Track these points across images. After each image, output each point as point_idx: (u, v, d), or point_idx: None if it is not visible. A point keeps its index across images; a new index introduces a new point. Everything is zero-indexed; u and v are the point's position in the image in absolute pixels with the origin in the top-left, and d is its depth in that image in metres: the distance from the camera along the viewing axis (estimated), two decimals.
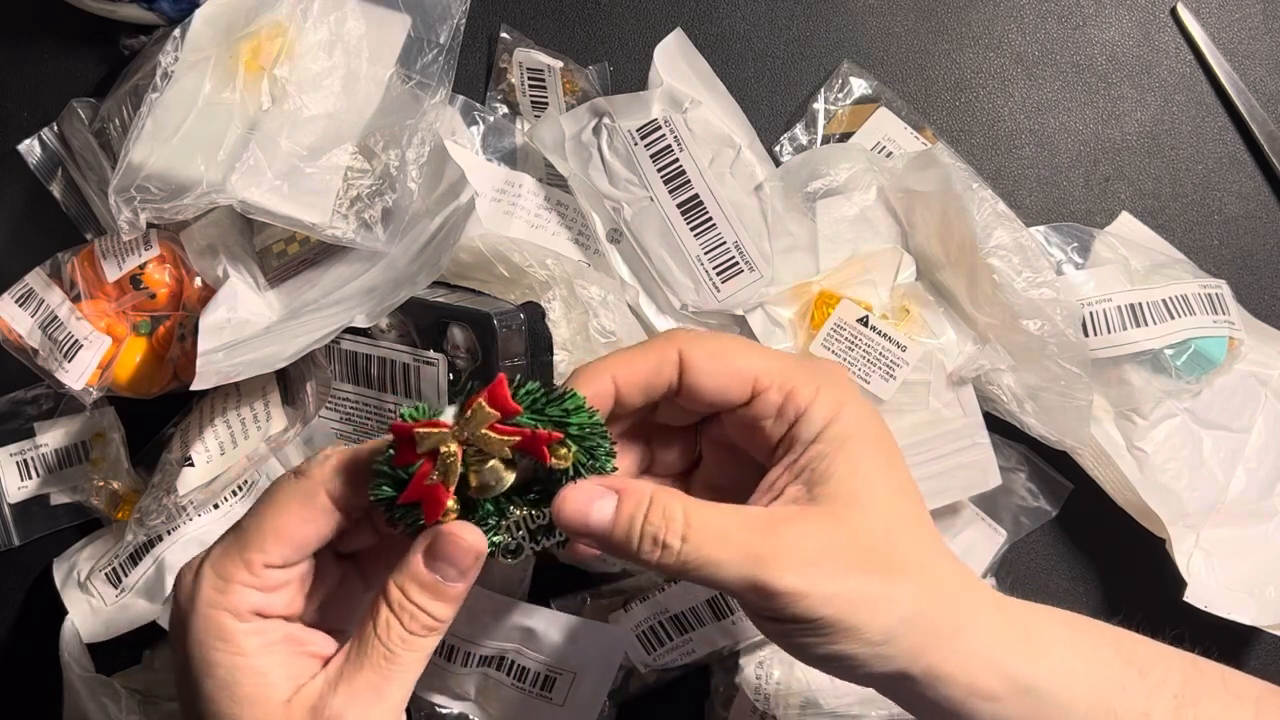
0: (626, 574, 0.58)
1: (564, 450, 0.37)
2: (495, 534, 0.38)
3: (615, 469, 0.39)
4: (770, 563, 0.36)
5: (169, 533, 0.57)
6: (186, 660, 0.38)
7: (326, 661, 0.38)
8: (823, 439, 0.39)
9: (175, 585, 0.39)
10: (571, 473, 0.38)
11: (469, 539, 0.37)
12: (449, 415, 0.37)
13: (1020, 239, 0.54)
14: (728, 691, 0.58)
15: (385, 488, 0.37)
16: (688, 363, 0.40)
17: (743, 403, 0.41)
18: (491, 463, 0.37)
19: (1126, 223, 0.61)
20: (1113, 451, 0.56)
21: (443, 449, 0.36)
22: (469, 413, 0.36)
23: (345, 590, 0.41)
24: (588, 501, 0.37)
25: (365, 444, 0.38)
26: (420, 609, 0.37)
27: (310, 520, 0.37)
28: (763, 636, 0.56)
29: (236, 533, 0.38)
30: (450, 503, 0.37)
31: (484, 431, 0.36)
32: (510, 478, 0.37)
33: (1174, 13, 0.62)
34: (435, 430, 0.36)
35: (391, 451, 0.37)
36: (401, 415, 0.36)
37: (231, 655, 0.37)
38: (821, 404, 0.39)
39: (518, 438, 0.36)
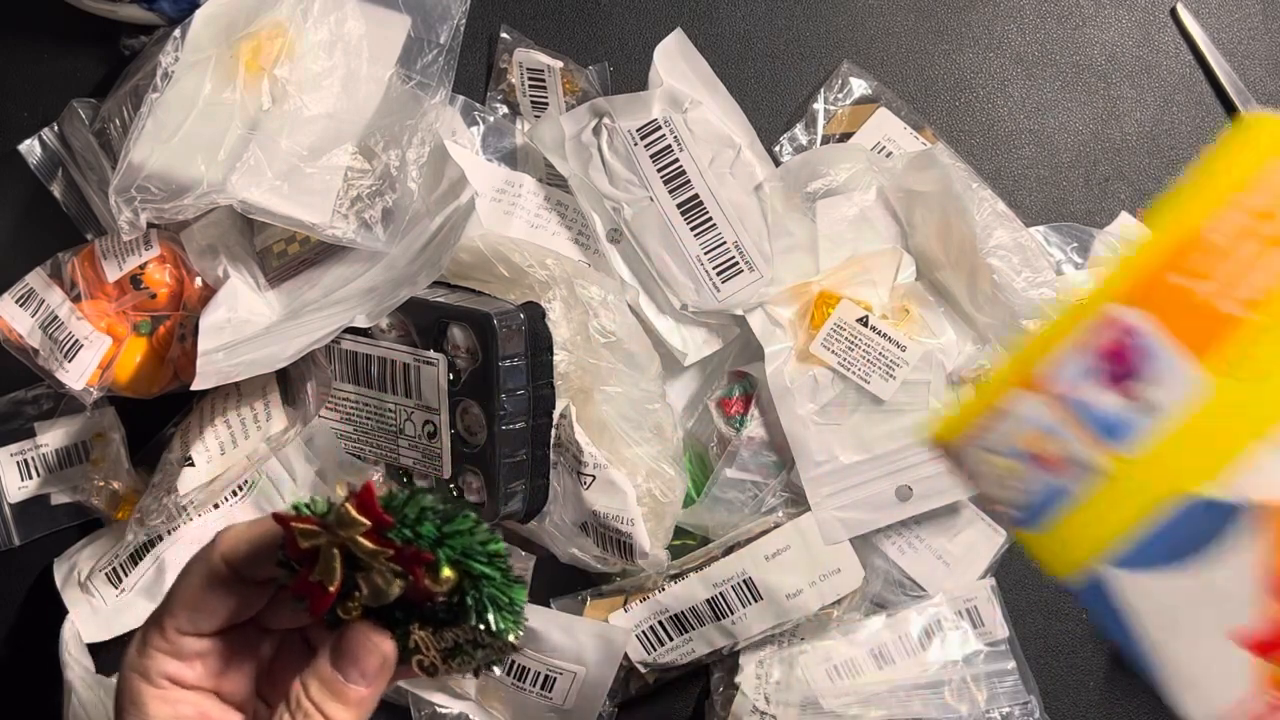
0: (626, 574, 0.58)
1: (445, 573, 0.34)
2: (404, 648, 0.35)
3: (522, 604, 0.35)
4: None
5: (169, 533, 0.57)
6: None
7: None
8: None
9: None
10: (456, 601, 0.34)
11: (374, 640, 0.35)
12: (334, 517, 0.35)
13: (1020, 239, 0.54)
14: (728, 691, 0.58)
15: (285, 573, 0.35)
16: None
17: None
18: (377, 571, 0.34)
19: (1126, 222, 0.61)
20: None
21: (321, 548, 0.34)
22: (337, 517, 0.34)
23: (293, 667, 0.40)
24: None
25: (257, 523, 0.37)
26: (315, 708, 0.35)
27: (212, 589, 0.36)
28: (763, 636, 0.57)
29: (163, 601, 0.37)
30: (354, 601, 0.35)
31: (360, 539, 0.34)
32: (397, 588, 0.34)
33: (1173, 13, 0.62)
34: (309, 528, 0.34)
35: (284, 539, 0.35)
36: (294, 507, 0.34)
37: None
38: None
39: (390, 552, 0.34)
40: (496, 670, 0.37)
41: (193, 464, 0.55)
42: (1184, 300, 0.32)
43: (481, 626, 0.35)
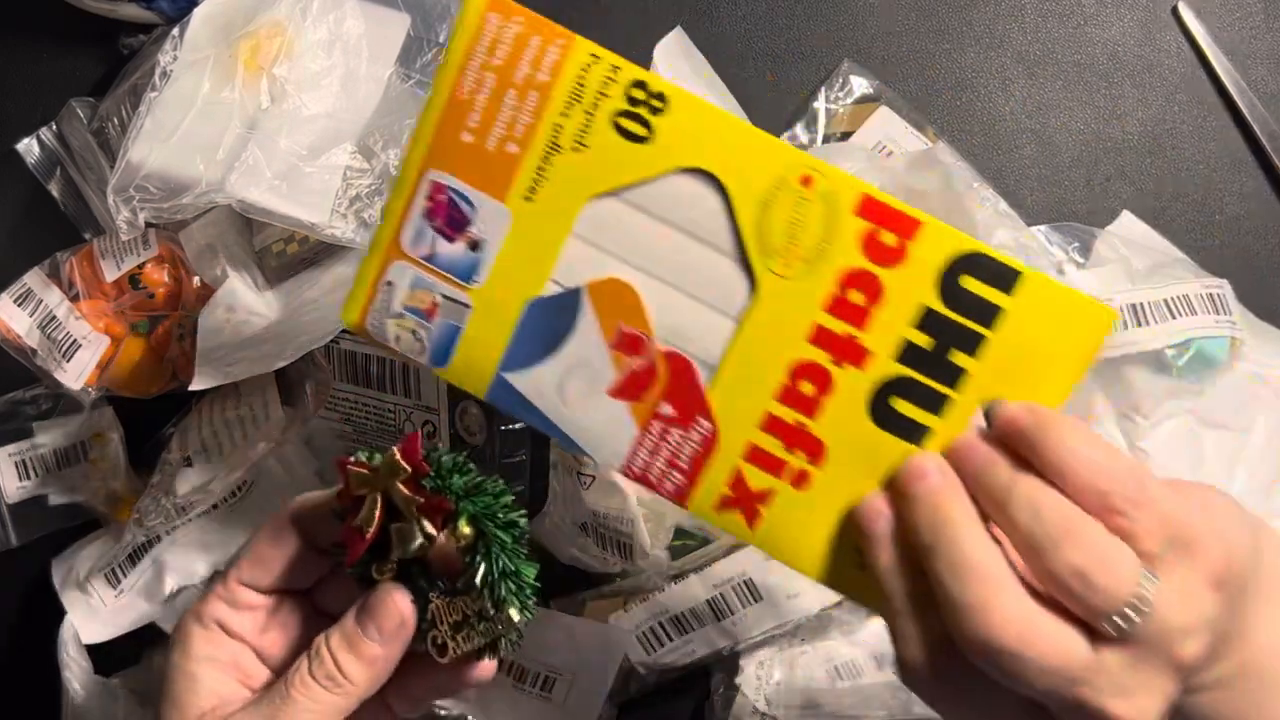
0: (627, 574, 0.58)
1: (463, 529, 0.36)
2: (424, 621, 0.38)
3: (529, 580, 0.38)
4: None
5: (168, 533, 0.57)
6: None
7: None
8: None
9: None
10: (469, 559, 0.37)
11: (395, 600, 0.37)
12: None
13: (1021, 238, 0.54)
14: (728, 692, 0.58)
15: (338, 527, 0.38)
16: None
17: None
18: (408, 524, 0.36)
19: (1128, 222, 0.60)
20: None
21: (366, 493, 0.37)
22: (383, 462, 0.37)
23: None
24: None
25: (327, 491, 0.40)
26: (331, 656, 0.37)
27: (276, 544, 0.40)
28: (763, 636, 0.56)
29: (234, 555, 0.41)
30: (389, 564, 0.37)
31: (397, 485, 0.36)
32: (417, 543, 0.36)
33: (1175, 12, 0.61)
34: (360, 471, 0.37)
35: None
36: (356, 454, 0.37)
37: (181, 656, 0.39)
38: None
39: (421, 499, 0.36)
40: (497, 655, 0.39)
41: (191, 464, 0.55)
42: (475, 152, 0.39)
43: (486, 592, 0.36)
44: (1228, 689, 0.38)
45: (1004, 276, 0.37)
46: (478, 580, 0.37)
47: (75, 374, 0.56)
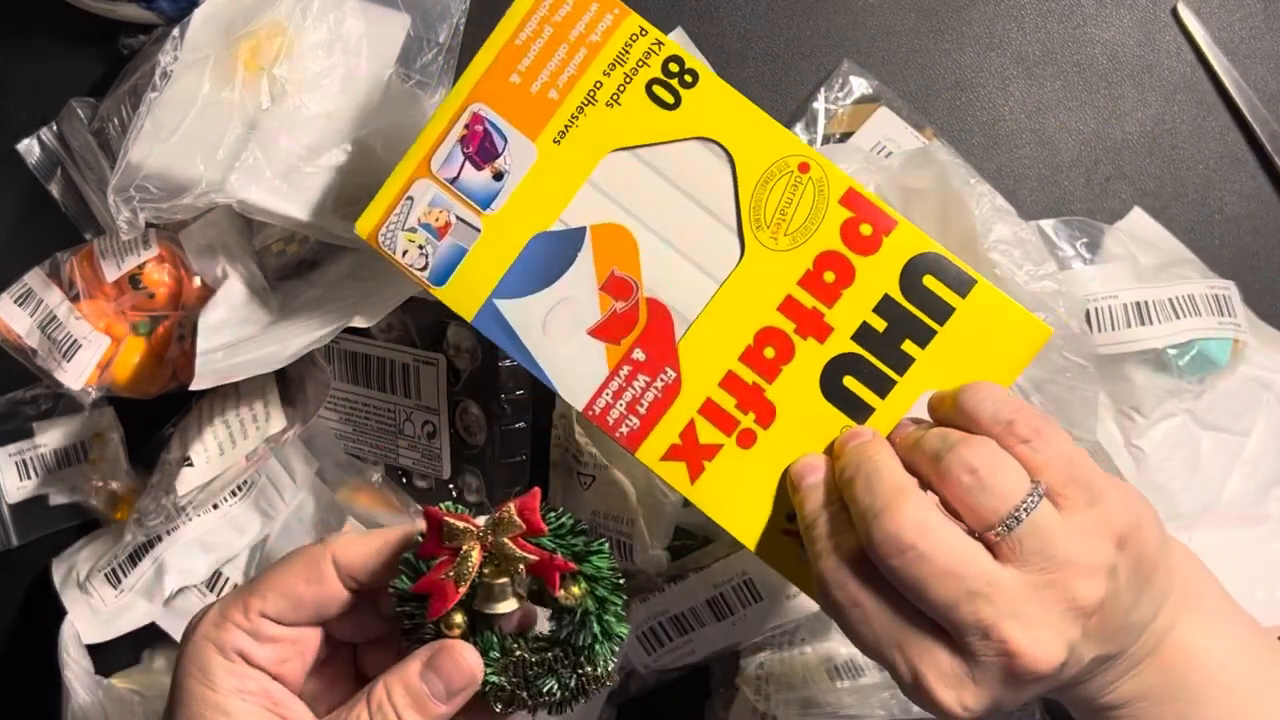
0: (626, 574, 0.58)
1: (575, 589, 0.37)
2: (493, 674, 0.37)
3: (624, 634, 0.38)
4: None
5: (168, 533, 0.57)
6: (172, 687, 0.39)
7: None
8: None
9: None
10: (578, 618, 0.37)
11: (469, 660, 0.37)
12: (483, 520, 0.37)
13: (1020, 233, 0.53)
14: (728, 692, 0.58)
15: (404, 578, 0.37)
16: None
17: None
18: (501, 580, 0.37)
19: (1138, 219, 0.60)
20: (1110, 448, 0.56)
21: (465, 546, 0.36)
22: (497, 517, 0.37)
23: (340, 674, 0.42)
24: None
25: (394, 529, 0.39)
26: (395, 714, 0.36)
27: (312, 582, 0.38)
28: (763, 636, 0.56)
29: (249, 581, 0.39)
30: (459, 618, 0.37)
31: (506, 541, 0.36)
32: (512, 602, 0.37)
33: (1175, 12, 0.61)
34: (463, 525, 0.37)
35: (420, 539, 0.37)
36: (442, 506, 0.37)
37: (205, 689, 0.37)
38: None
39: (535, 557, 0.36)
40: (569, 708, 0.39)
41: (191, 464, 0.55)
42: (519, 93, 0.43)
43: (586, 652, 0.37)
44: (1149, 700, 0.38)
45: (962, 281, 0.42)
46: (582, 641, 0.37)
47: (75, 374, 0.56)
